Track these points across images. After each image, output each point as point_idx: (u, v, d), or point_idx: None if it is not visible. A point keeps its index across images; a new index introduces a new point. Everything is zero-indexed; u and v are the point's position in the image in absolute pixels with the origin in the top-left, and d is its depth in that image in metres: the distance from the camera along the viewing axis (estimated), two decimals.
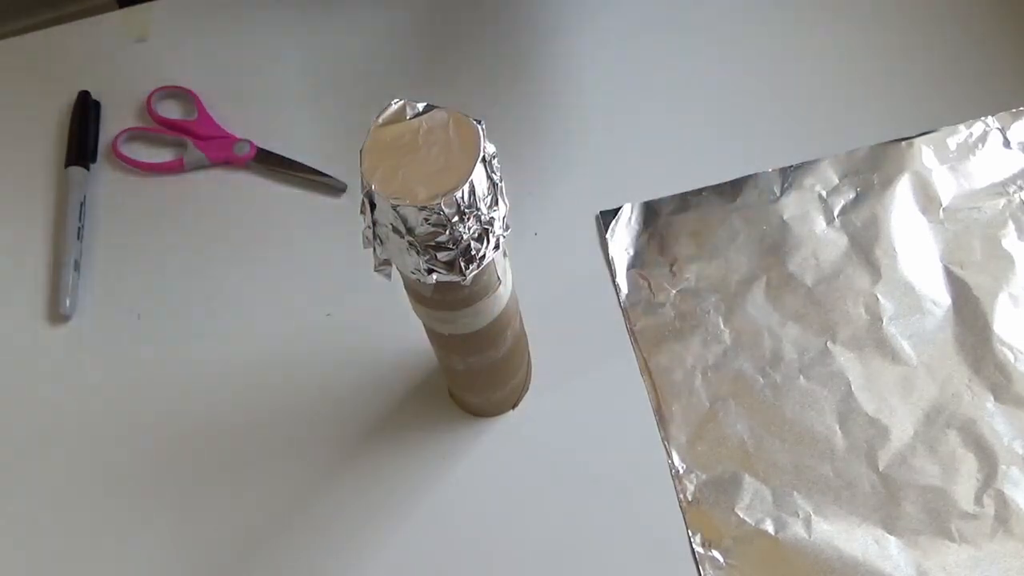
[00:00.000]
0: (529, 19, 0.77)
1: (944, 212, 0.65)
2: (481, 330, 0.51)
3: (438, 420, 0.63)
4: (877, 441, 0.59)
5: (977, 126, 0.68)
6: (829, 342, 0.62)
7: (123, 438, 0.64)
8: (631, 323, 0.64)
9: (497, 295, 0.50)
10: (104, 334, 0.67)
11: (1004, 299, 0.62)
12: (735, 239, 0.66)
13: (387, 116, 0.44)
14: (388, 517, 0.60)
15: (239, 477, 0.62)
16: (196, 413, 0.64)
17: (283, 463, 0.62)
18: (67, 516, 0.62)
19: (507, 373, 0.59)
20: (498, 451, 0.62)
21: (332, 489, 0.61)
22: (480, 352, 0.54)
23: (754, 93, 0.71)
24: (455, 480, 0.61)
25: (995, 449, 0.59)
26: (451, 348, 0.54)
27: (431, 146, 0.43)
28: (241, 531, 0.61)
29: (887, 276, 0.64)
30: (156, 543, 0.61)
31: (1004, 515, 0.57)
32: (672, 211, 0.67)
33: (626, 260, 0.66)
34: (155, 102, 0.75)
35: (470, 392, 0.61)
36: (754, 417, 0.61)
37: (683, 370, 0.62)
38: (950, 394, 0.60)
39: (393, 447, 0.62)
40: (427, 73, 0.75)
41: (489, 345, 0.54)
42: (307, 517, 0.61)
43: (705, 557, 0.57)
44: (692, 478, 0.59)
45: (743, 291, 0.64)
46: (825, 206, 0.66)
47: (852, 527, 0.57)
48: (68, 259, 0.68)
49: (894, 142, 0.68)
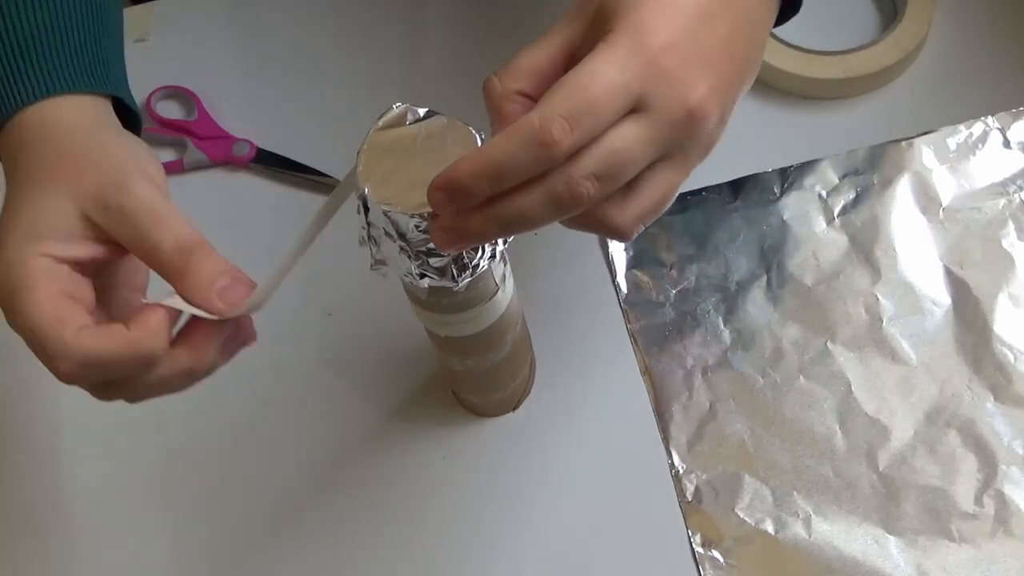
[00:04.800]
0: (532, 23, 0.77)
1: (944, 212, 0.65)
2: (479, 333, 0.51)
3: (439, 420, 0.63)
4: (877, 441, 0.59)
5: (977, 126, 0.68)
6: (829, 342, 0.62)
7: (122, 438, 0.64)
8: (631, 323, 0.64)
9: (494, 301, 0.50)
10: None
11: (1004, 299, 0.62)
12: (735, 239, 0.66)
13: (387, 120, 0.44)
14: (387, 515, 0.60)
15: (239, 476, 0.62)
16: (196, 412, 0.64)
17: (283, 462, 0.62)
18: (67, 516, 0.62)
19: (507, 376, 0.59)
20: (498, 451, 0.62)
21: (332, 488, 0.61)
22: (478, 354, 0.54)
23: (754, 93, 0.71)
24: (455, 479, 0.61)
25: (995, 449, 0.59)
26: (449, 349, 0.54)
27: (428, 152, 0.43)
28: (240, 529, 0.61)
29: (887, 276, 0.64)
30: (155, 542, 0.61)
31: (1004, 515, 0.57)
32: (672, 211, 0.67)
33: (626, 260, 0.66)
34: (155, 102, 0.75)
35: (470, 392, 0.61)
36: (754, 417, 0.61)
37: (683, 370, 0.62)
38: (950, 394, 0.60)
39: (393, 447, 0.62)
40: (429, 74, 0.75)
41: (487, 348, 0.54)
42: (306, 515, 0.61)
43: (705, 557, 0.57)
44: (692, 478, 0.59)
45: (743, 291, 0.64)
46: (825, 206, 0.66)
47: (852, 527, 0.57)
48: None
49: (894, 142, 0.68)
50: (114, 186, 0.43)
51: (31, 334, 0.41)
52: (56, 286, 0.42)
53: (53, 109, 0.46)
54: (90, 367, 0.41)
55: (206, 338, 0.43)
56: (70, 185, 0.43)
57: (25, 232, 0.43)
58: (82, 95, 0.47)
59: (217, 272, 0.43)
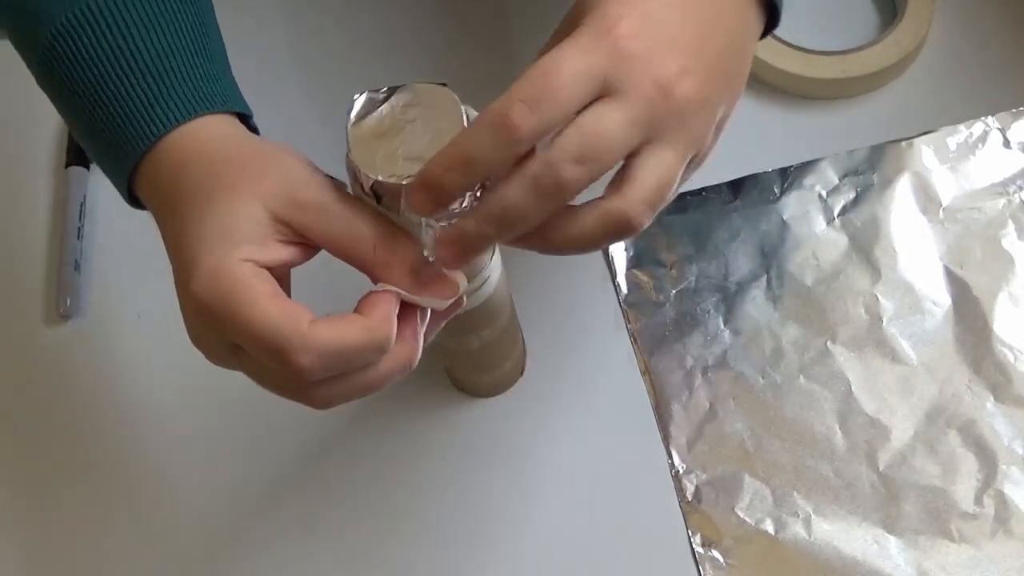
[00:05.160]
0: (527, 13, 0.77)
1: (944, 212, 0.65)
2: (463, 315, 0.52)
3: (433, 415, 0.63)
4: (877, 441, 0.59)
5: (977, 126, 0.68)
6: (829, 342, 0.62)
7: (123, 438, 0.64)
8: (631, 323, 0.64)
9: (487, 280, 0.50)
10: (104, 334, 0.67)
11: (1004, 299, 0.62)
12: (735, 239, 0.66)
13: (357, 112, 0.43)
14: (379, 509, 0.60)
15: (238, 473, 0.62)
16: (195, 412, 0.64)
17: (283, 461, 0.62)
18: (67, 516, 0.62)
19: (499, 355, 0.59)
20: (497, 451, 0.62)
21: (325, 474, 0.61)
22: (474, 331, 0.55)
23: (754, 93, 0.71)
24: (455, 479, 0.61)
25: (995, 449, 0.59)
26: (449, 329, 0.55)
27: (412, 122, 0.42)
28: (239, 519, 0.61)
29: (887, 276, 0.64)
30: (154, 542, 0.61)
31: (1004, 515, 0.57)
32: (672, 211, 0.67)
33: (626, 260, 0.66)
34: None
35: (466, 372, 0.61)
36: (754, 417, 0.61)
37: (683, 370, 0.62)
38: (950, 394, 0.60)
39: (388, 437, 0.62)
40: (425, 70, 0.74)
41: (484, 325, 0.54)
42: (300, 503, 0.61)
43: (705, 557, 0.57)
44: (692, 478, 0.59)
45: (743, 291, 0.64)
46: (825, 206, 0.66)
47: (852, 527, 0.57)
48: (68, 259, 0.68)
49: (894, 142, 0.68)
50: (303, 184, 0.43)
51: (265, 334, 0.40)
52: (269, 287, 0.42)
53: (203, 128, 0.46)
54: (331, 357, 0.40)
55: (414, 331, 0.43)
56: (255, 189, 0.43)
57: (219, 241, 0.42)
58: (219, 114, 0.47)
59: (416, 261, 0.43)
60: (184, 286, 0.42)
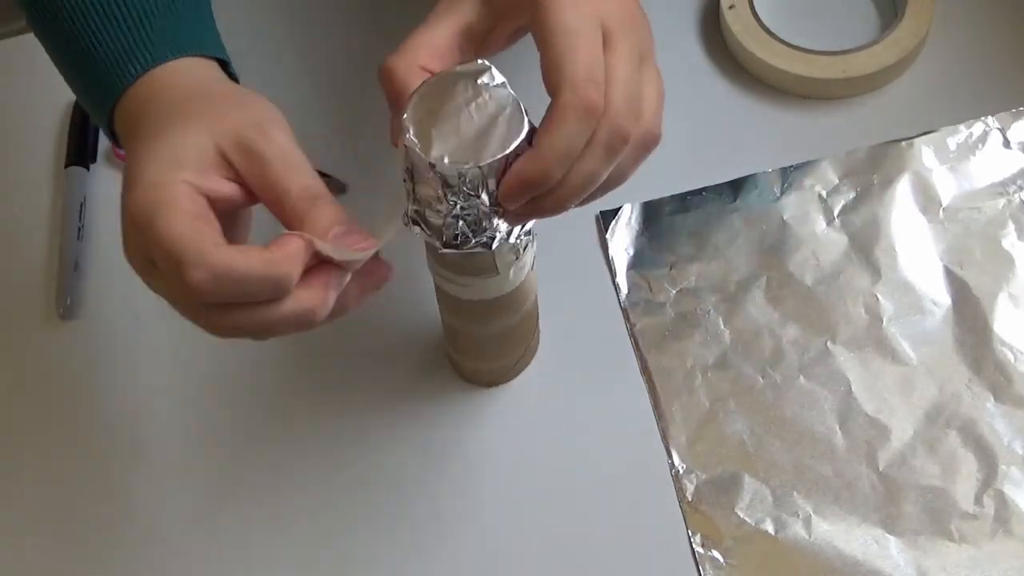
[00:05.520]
0: None
1: (944, 212, 0.65)
2: (478, 302, 0.54)
3: (433, 415, 0.63)
4: (877, 441, 0.59)
5: (977, 126, 0.68)
6: (829, 342, 0.62)
7: (123, 438, 0.64)
8: (631, 323, 0.64)
9: (495, 279, 0.52)
10: (104, 334, 0.67)
11: (1004, 299, 0.62)
12: (735, 239, 0.66)
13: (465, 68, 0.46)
14: (379, 509, 0.60)
15: (238, 472, 0.62)
16: (195, 412, 0.64)
17: (283, 461, 0.62)
18: (66, 516, 0.62)
19: (516, 341, 0.61)
20: (496, 451, 0.62)
21: (325, 473, 0.61)
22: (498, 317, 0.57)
23: (754, 93, 0.71)
24: (449, 482, 0.61)
25: (995, 449, 0.59)
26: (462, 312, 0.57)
27: (468, 109, 0.45)
28: (239, 518, 0.61)
29: (887, 276, 0.64)
30: (154, 541, 0.61)
31: (1004, 515, 0.57)
32: (672, 211, 0.67)
33: (626, 260, 0.66)
34: None
35: (476, 357, 0.62)
36: (754, 417, 0.61)
37: (683, 370, 0.62)
38: (950, 394, 0.60)
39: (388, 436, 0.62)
40: None
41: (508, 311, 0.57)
42: (300, 503, 0.61)
43: (705, 557, 0.57)
44: (692, 478, 0.59)
45: (743, 291, 0.64)
46: (825, 206, 0.66)
47: (852, 527, 0.57)
48: (68, 259, 0.68)
49: (894, 142, 0.68)
50: (255, 128, 0.45)
51: (168, 245, 0.42)
52: (195, 208, 0.43)
53: (180, 68, 0.49)
54: (224, 280, 0.41)
55: (324, 283, 0.44)
56: (211, 123, 0.45)
57: (166, 160, 0.44)
58: (200, 58, 0.50)
59: (335, 220, 0.44)
60: (123, 198, 0.44)
